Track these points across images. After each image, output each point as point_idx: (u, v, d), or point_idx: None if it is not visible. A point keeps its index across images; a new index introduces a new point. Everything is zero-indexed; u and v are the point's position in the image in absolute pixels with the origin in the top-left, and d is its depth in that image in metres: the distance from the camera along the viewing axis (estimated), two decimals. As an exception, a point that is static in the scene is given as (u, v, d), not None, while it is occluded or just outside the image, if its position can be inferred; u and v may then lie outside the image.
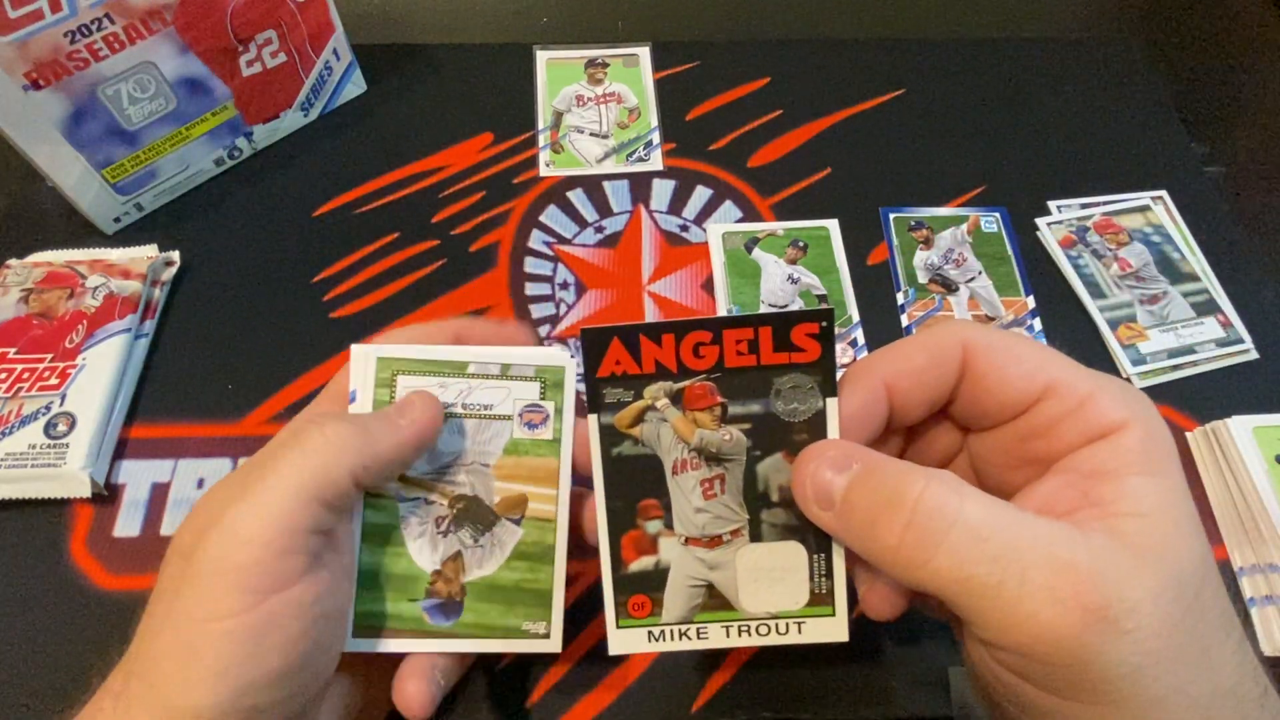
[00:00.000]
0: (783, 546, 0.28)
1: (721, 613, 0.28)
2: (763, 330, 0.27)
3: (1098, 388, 0.24)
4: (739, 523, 0.28)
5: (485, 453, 0.31)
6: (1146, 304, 0.48)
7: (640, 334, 0.27)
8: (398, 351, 0.30)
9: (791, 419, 0.27)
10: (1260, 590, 0.39)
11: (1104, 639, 0.20)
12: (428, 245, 0.50)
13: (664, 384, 0.28)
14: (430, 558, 0.30)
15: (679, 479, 0.28)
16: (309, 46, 0.52)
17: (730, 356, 0.27)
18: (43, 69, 0.42)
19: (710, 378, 0.27)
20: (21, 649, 0.37)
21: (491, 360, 0.31)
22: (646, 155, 0.55)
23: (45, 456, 0.40)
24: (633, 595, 0.28)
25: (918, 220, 0.52)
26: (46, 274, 0.46)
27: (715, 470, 0.28)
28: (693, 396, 0.28)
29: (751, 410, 0.27)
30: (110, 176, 0.48)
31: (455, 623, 0.30)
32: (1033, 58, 0.60)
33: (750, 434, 0.28)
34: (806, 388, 0.27)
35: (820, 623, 0.28)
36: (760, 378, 0.27)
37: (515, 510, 0.31)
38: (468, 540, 0.31)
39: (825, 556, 0.28)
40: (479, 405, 0.31)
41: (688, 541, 0.28)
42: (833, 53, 0.60)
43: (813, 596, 0.28)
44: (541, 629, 0.30)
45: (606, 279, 0.49)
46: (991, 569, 0.21)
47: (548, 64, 0.59)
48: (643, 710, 0.37)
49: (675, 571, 0.28)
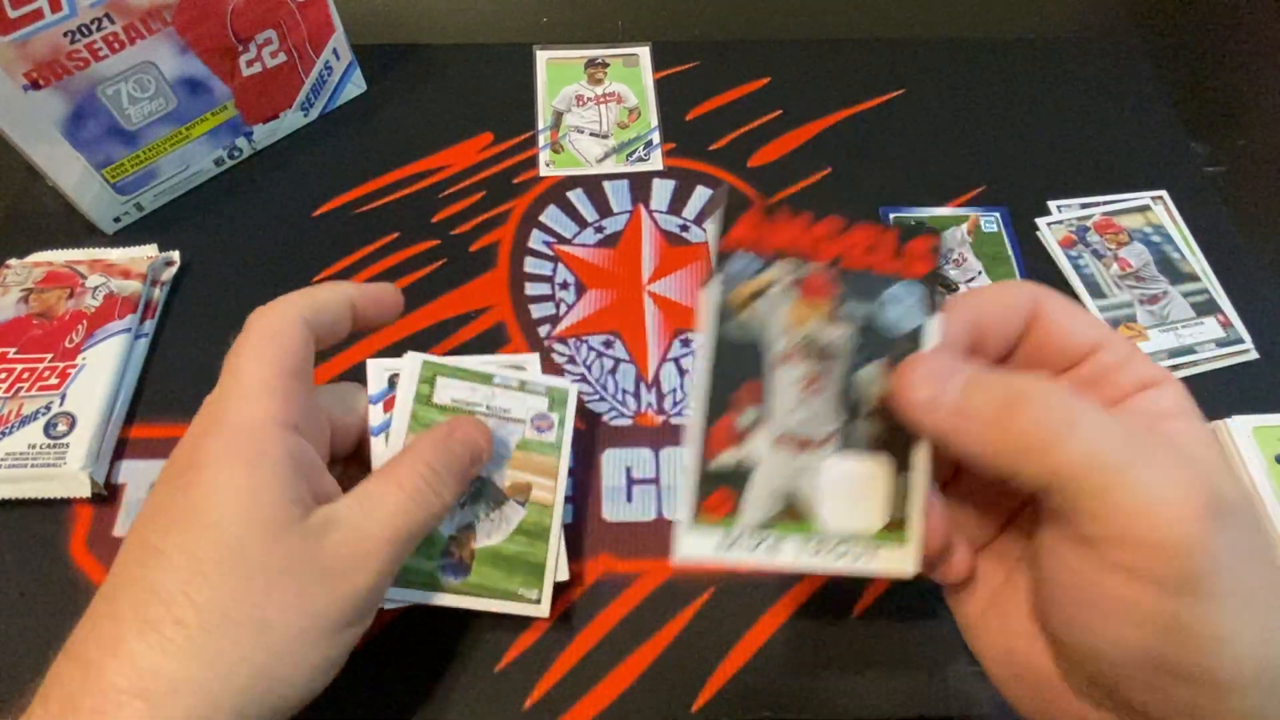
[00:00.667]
0: (869, 461, 0.27)
1: (799, 525, 0.28)
2: (886, 236, 0.27)
3: (1135, 348, 0.27)
4: (833, 427, 0.27)
5: (502, 446, 0.38)
6: (1146, 304, 0.48)
7: (775, 211, 0.27)
8: (439, 359, 0.38)
9: (894, 331, 0.27)
10: (1260, 590, 0.39)
11: (1218, 528, 0.21)
12: (428, 245, 0.50)
13: (788, 263, 0.27)
14: (449, 525, 0.36)
15: (781, 371, 0.27)
16: (309, 46, 0.52)
17: (850, 255, 0.27)
18: (42, 69, 0.42)
19: (828, 270, 0.27)
20: (22, 649, 0.37)
21: (512, 377, 0.39)
22: (646, 155, 0.55)
23: (45, 456, 0.40)
24: (714, 491, 0.27)
25: (918, 220, 0.52)
26: (46, 274, 0.46)
27: (818, 367, 0.27)
28: (813, 286, 0.27)
29: (858, 314, 0.27)
30: (110, 176, 0.48)
31: (462, 581, 0.36)
32: (1033, 58, 0.60)
33: (854, 338, 0.27)
34: (913, 301, 0.27)
35: (892, 552, 0.28)
36: (873, 283, 0.27)
37: (521, 494, 0.38)
38: (480, 514, 0.37)
39: (906, 479, 0.27)
40: (500, 408, 0.38)
41: (779, 440, 0.27)
42: (833, 53, 0.60)
43: (889, 521, 0.27)
44: (534, 595, 0.36)
45: (606, 279, 0.49)
46: (1123, 452, 0.22)
47: (548, 64, 0.59)
48: (643, 710, 0.37)
49: (761, 472, 0.27)
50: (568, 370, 0.46)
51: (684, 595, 0.39)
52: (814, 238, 0.27)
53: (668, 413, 0.44)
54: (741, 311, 0.27)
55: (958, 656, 0.38)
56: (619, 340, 0.47)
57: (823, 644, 0.38)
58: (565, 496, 0.40)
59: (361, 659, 0.37)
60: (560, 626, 0.38)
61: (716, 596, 0.39)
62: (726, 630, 0.38)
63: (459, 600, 0.35)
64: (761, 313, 0.27)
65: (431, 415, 0.37)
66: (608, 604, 0.39)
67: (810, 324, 0.27)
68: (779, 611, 0.39)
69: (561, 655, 0.38)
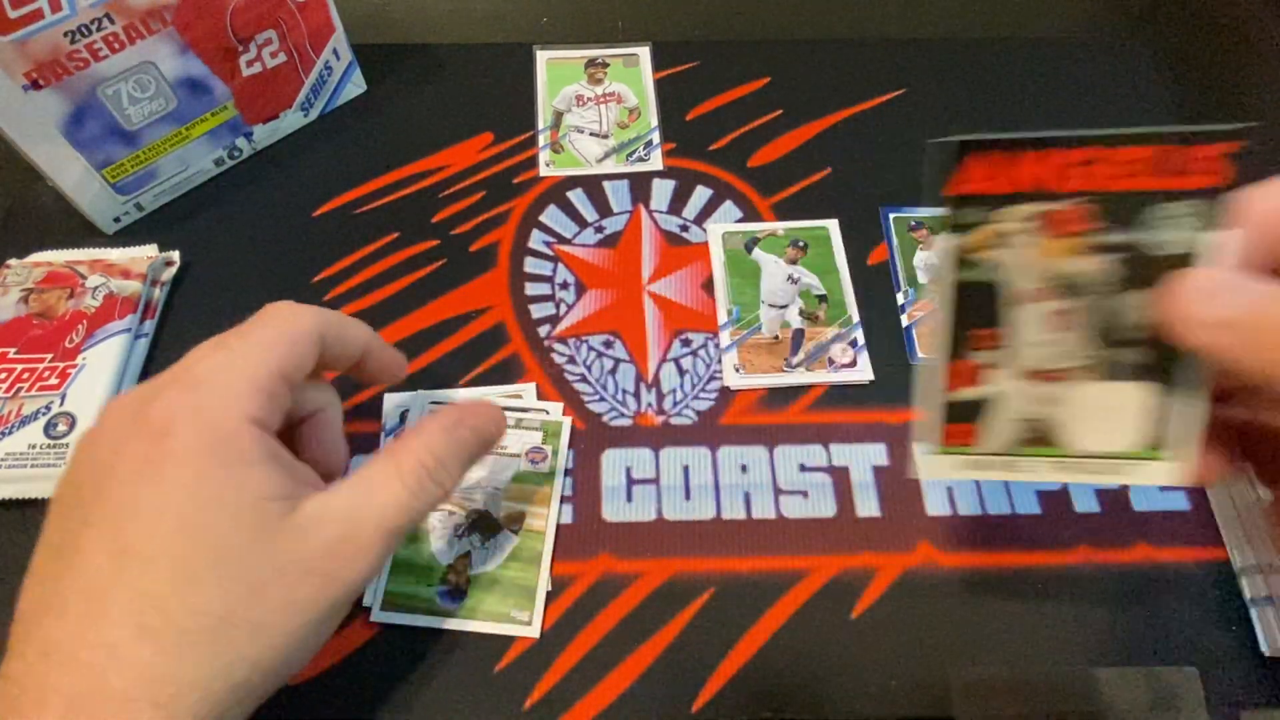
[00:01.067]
0: (1129, 386, 0.26)
1: (1045, 448, 0.27)
2: (1149, 151, 0.24)
3: None
4: (1085, 358, 0.26)
5: (498, 479, 0.41)
6: (1147, 304, 0.48)
7: (1002, 150, 0.24)
8: (444, 402, 0.43)
9: (1163, 251, 0.25)
10: (1260, 590, 0.39)
11: None
12: (428, 245, 0.50)
13: (1025, 206, 0.25)
14: (447, 555, 0.39)
15: (1025, 309, 0.26)
16: (309, 46, 0.52)
17: (1102, 178, 0.24)
18: (43, 69, 0.42)
19: (1078, 202, 0.25)
20: (21, 649, 0.37)
21: (509, 415, 0.42)
22: (646, 155, 0.55)
23: (45, 456, 0.40)
24: (953, 424, 0.27)
25: (918, 220, 0.52)
26: (46, 274, 0.46)
27: (1068, 302, 0.26)
28: (1057, 221, 0.25)
29: (1118, 240, 0.25)
30: (110, 176, 0.48)
31: (459, 606, 0.38)
32: (1033, 58, 0.60)
33: (1113, 267, 0.25)
34: (1190, 217, 0.24)
35: (1153, 467, 0.27)
36: (1134, 204, 0.25)
37: (515, 523, 0.40)
38: (476, 543, 0.40)
39: (1174, 398, 0.26)
40: (498, 445, 0.39)
41: (1026, 375, 0.27)
42: (833, 53, 0.60)
43: (1151, 440, 0.27)
44: (525, 617, 0.38)
45: (606, 279, 0.49)
46: None
47: (548, 64, 0.59)
48: (643, 710, 0.37)
49: (1003, 404, 0.27)
50: (568, 370, 0.46)
51: (684, 595, 0.39)
52: (1060, 168, 0.24)
53: (668, 413, 0.45)
54: (979, 254, 0.26)
55: (958, 656, 0.38)
56: (619, 340, 0.47)
57: (823, 644, 0.38)
58: (564, 497, 0.41)
59: (362, 659, 0.38)
60: (560, 627, 0.38)
61: (716, 596, 0.39)
62: (726, 630, 0.38)
63: (455, 624, 0.38)
64: (1002, 255, 0.26)
65: None
66: (608, 604, 0.39)
67: (1059, 259, 0.25)
68: (779, 611, 0.39)
69: (561, 656, 0.38)
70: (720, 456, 0.43)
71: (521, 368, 0.46)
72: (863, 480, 0.43)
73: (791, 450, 0.43)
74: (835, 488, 0.42)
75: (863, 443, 0.44)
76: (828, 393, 0.45)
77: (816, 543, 0.41)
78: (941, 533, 0.41)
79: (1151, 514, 0.42)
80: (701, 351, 0.47)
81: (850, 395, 0.45)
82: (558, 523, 0.41)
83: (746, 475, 0.43)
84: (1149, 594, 0.40)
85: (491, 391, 0.45)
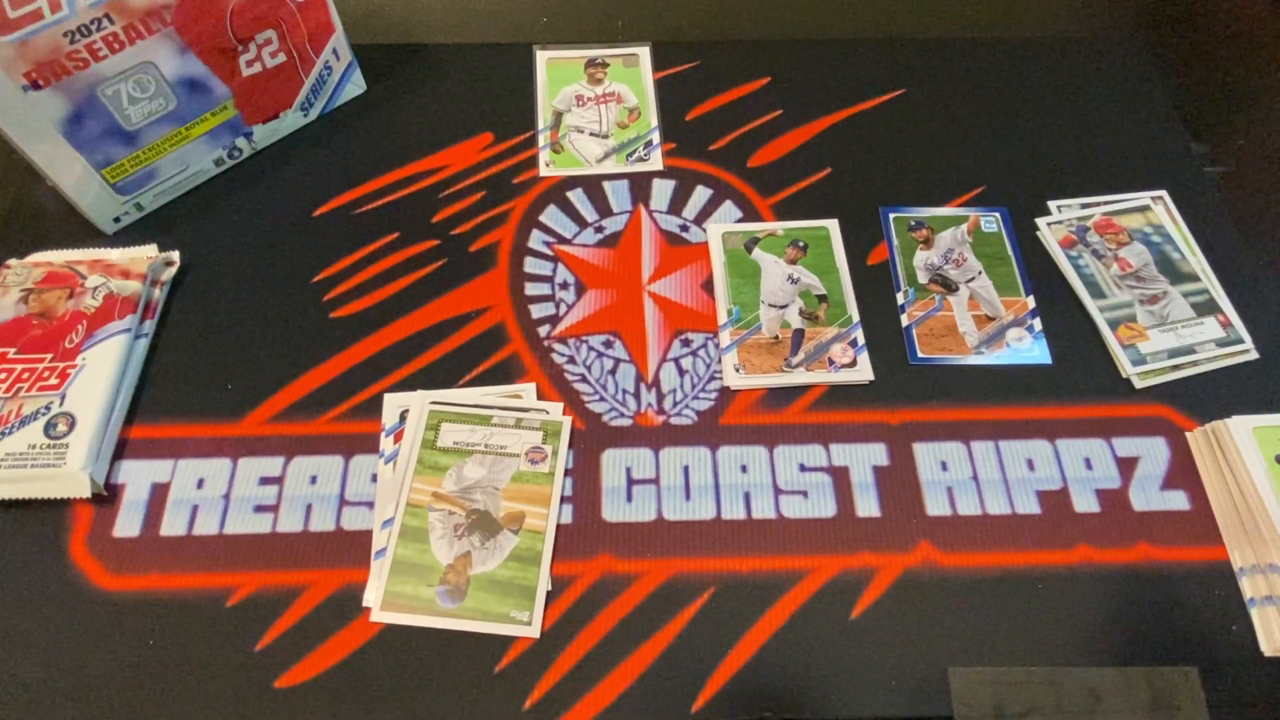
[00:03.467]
0: None
1: None
2: None
3: None
4: None
5: (498, 479, 0.41)
6: (1146, 304, 0.48)
7: None
8: (443, 404, 0.43)
9: None
10: (1260, 590, 0.39)
11: None
12: (428, 245, 0.50)
13: None
14: (446, 554, 0.39)
15: None
16: (309, 46, 0.52)
17: None
18: (42, 69, 0.42)
19: None
20: (21, 649, 0.37)
21: (509, 415, 0.43)
22: (646, 155, 0.55)
23: (45, 456, 0.40)
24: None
25: (918, 220, 0.52)
26: (46, 274, 0.46)
27: None
28: None
29: None
30: (110, 176, 0.48)
31: (459, 606, 0.38)
32: (1033, 58, 0.60)
33: None
34: None
35: None
36: None
37: (515, 523, 0.40)
38: (476, 544, 0.39)
39: None
40: (497, 445, 0.41)
41: None
42: (833, 53, 0.60)
43: None
44: (525, 617, 0.38)
45: (606, 279, 0.49)
46: None
47: (548, 64, 0.59)
48: (643, 710, 0.37)
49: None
50: (568, 370, 0.46)
51: (684, 595, 0.39)
52: None
53: (668, 413, 0.44)
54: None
55: (958, 656, 0.38)
56: (619, 340, 0.47)
57: (823, 644, 0.38)
58: (564, 497, 0.41)
59: (362, 659, 0.38)
60: (560, 627, 0.38)
61: (716, 596, 0.39)
62: (726, 630, 0.38)
63: (455, 624, 0.38)
64: None
65: (436, 458, 0.41)
66: (608, 604, 0.39)
67: None
68: (779, 612, 0.39)
69: (561, 656, 0.38)
70: (720, 456, 0.43)
71: (521, 368, 0.46)
72: (862, 480, 0.43)
73: (791, 450, 0.43)
74: (835, 488, 0.42)
75: (863, 443, 0.44)
76: (827, 393, 0.45)
77: (816, 543, 0.41)
78: (941, 533, 0.41)
79: (1152, 514, 0.42)
80: (701, 351, 0.47)
81: (850, 395, 0.45)
82: (558, 523, 0.41)
83: (746, 475, 0.43)
84: (1149, 594, 0.40)
85: (491, 391, 0.45)
